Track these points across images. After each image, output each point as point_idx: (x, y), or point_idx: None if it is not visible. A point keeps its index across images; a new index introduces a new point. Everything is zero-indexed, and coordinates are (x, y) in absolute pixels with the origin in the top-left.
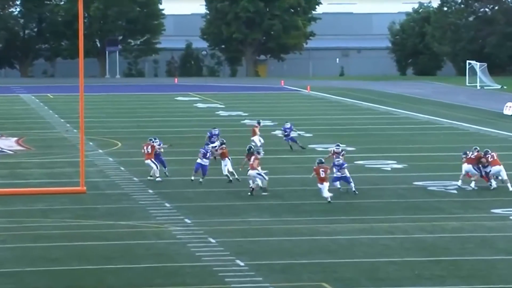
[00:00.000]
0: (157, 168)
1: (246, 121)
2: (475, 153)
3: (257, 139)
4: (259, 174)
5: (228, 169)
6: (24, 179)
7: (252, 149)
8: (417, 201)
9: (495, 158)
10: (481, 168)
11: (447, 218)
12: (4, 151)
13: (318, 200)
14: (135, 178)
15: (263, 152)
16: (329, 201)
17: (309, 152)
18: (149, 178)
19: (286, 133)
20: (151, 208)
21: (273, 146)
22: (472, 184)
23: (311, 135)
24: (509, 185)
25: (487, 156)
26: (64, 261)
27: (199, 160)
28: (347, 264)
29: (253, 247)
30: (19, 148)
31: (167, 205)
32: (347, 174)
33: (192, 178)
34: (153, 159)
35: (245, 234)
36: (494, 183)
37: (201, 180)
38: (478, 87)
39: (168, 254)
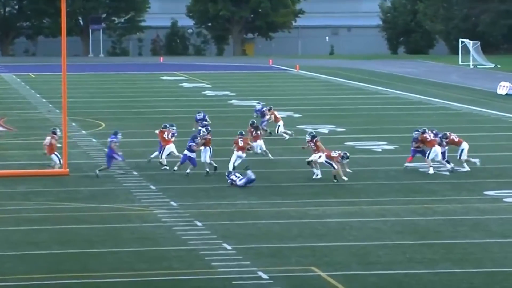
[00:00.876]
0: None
1: (233, 101)
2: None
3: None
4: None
5: (206, 159)
6: (5, 160)
7: (255, 123)
8: (409, 183)
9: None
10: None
11: (439, 200)
12: None
13: (307, 182)
14: (119, 158)
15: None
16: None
17: (298, 133)
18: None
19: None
20: (136, 190)
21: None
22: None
23: (300, 115)
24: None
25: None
26: (46, 245)
27: (186, 152)
28: (337, 248)
29: (241, 231)
30: (0, 129)
31: (152, 187)
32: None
33: (175, 168)
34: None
35: (232, 217)
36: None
37: (188, 171)
38: (471, 66)
39: (153, 238)
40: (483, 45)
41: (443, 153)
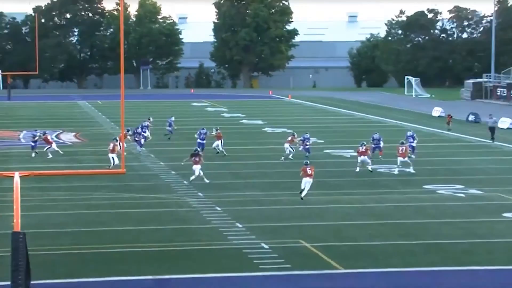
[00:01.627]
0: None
1: (243, 120)
2: (364, 147)
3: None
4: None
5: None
6: (80, 163)
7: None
8: (369, 179)
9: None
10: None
11: (391, 192)
12: (65, 143)
13: (296, 179)
14: (161, 163)
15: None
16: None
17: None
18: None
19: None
20: (174, 184)
21: (262, 139)
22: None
23: (291, 131)
24: (411, 168)
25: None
26: (108, 224)
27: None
28: (318, 226)
29: (248, 214)
30: (76, 140)
31: (185, 182)
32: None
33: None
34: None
35: (242, 204)
36: (396, 170)
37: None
38: (414, 96)
39: (186, 219)
40: (422, 81)
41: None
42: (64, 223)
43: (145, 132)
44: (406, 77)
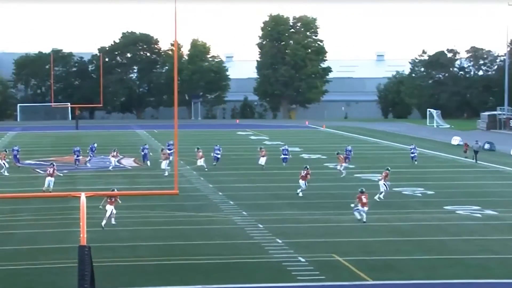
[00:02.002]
0: None
1: (282, 147)
2: (383, 173)
3: None
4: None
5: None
6: (138, 184)
7: None
8: (394, 200)
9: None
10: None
11: (414, 212)
12: (125, 167)
13: (331, 200)
14: (210, 185)
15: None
16: (364, 221)
17: (324, 168)
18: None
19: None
20: (221, 204)
21: (300, 163)
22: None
23: (325, 157)
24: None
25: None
26: (163, 239)
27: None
28: (349, 242)
29: (287, 231)
30: (135, 165)
31: (231, 202)
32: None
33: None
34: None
35: (282, 222)
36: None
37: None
38: (435, 126)
39: (232, 235)
40: (442, 113)
41: None
42: (125, 238)
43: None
44: (428, 109)
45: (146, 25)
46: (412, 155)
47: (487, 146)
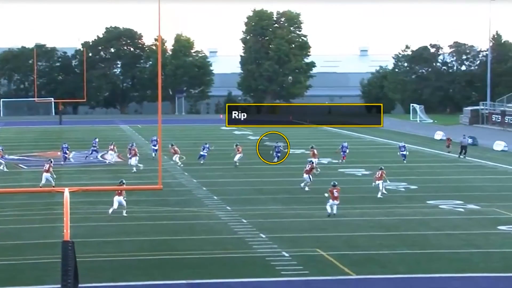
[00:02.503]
0: None
1: (267, 143)
2: (380, 172)
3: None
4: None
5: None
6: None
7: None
8: (378, 195)
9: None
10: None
11: (398, 206)
12: (110, 162)
13: (315, 194)
14: (194, 180)
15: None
16: (334, 213)
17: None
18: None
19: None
20: (205, 199)
21: (287, 158)
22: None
23: (309, 152)
24: (379, 193)
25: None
26: (148, 234)
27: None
28: (333, 237)
29: (271, 225)
30: (119, 160)
31: (215, 197)
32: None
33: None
34: None
35: (266, 216)
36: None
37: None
38: (418, 121)
39: (215, 230)
40: (425, 108)
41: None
42: (109, 233)
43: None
44: (411, 104)
45: (129, 20)
46: (402, 153)
47: (470, 140)
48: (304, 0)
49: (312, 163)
